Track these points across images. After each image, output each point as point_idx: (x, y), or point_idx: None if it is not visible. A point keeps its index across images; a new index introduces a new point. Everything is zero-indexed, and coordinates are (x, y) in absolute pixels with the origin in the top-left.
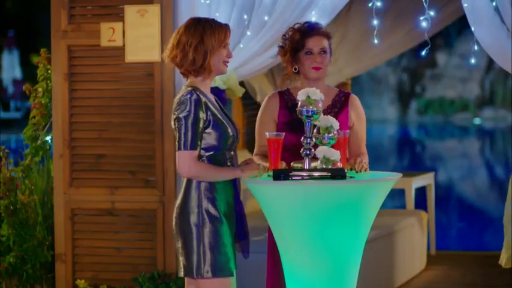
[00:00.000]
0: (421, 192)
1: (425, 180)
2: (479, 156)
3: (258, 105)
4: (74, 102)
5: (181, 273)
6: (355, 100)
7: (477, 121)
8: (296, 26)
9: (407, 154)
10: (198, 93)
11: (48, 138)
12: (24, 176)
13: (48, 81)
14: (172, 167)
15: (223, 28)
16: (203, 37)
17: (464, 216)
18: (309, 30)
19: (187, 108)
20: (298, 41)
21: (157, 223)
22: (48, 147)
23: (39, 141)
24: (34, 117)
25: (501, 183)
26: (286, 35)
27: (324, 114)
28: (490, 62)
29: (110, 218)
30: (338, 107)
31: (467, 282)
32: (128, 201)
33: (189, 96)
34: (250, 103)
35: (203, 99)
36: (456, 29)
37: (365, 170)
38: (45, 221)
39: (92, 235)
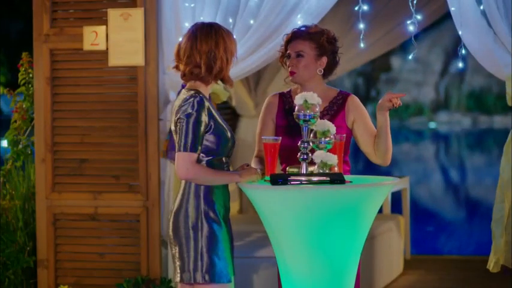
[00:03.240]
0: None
1: (401, 184)
2: (434, 159)
3: (233, 110)
4: (56, 106)
5: (177, 278)
6: (353, 101)
7: (432, 125)
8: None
9: (362, 158)
10: (201, 96)
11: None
12: (5, 181)
13: (30, 85)
14: (156, 172)
15: (233, 36)
16: (226, 47)
17: (421, 220)
18: (291, 35)
19: (191, 111)
20: (284, 47)
21: (140, 228)
22: (29, 152)
23: (20, 146)
24: (16, 121)
25: (456, 186)
26: (283, 37)
27: (320, 117)
28: (445, 66)
29: (93, 223)
30: (334, 109)
31: (445, 286)
32: (111, 206)
33: (192, 99)
34: (224, 107)
35: (206, 103)
36: None
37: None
38: (26, 227)
39: (74, 240)
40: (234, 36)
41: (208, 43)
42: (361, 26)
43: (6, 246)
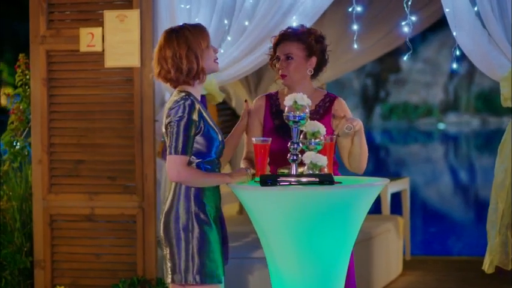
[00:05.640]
0: (393, 197)
1: (401, 185)
2: (443, 160)
3: (233, 110)
4: (52, 107)
5: (169, 280)
6: (339, 104)
7: (441, 126)
8: (276, 34)
9: (372, 159)
10: (192, 98)
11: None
12: (2, 182)
13: (27, 87)
14: (152, 173)
15: (202, 29)
16: (190, 45)
17: (430, 221)
18: (280, 37)
19: (181, 113)
20: (273, 49)
21: (137, 229)
22: (26, 153)
23: (17, 147)
24: (12, 122)
25: (465, 187)
26: (271, 40)
27: None
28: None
29: (89, 223)
30: (320, 113)
31: (443, 287)
32: (107, 206)
33: (182, 101)
34: (224, 108)
35: (197, 105)
36: (420, 34)
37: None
38: (23, 228)
39: (71, 241)
40: (229, 38)
41: (170, 47)
42: (355, 27)
43: (3, 247)
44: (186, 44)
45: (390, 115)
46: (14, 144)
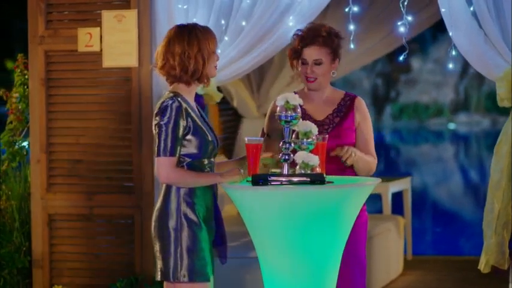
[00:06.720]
0: (396, 196)
1: (402, 185)
2: (454, 160)
3: (234, 110)
4: (51, 107)
5: (158, 277)
6: (360, 103)
7: (452, 126)
8: (299, 33)
9: (382, 159)
10: (179, 99)
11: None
12: (1, 181)
13: (26, 87)
14: (150, 172)
15: (211, 33)
16: (200, 46)
17: (439, 221)
18: (307, 39)
19: (168, 115)
20: (297, 49)
21: (134, 228)
22: (25, 153)
23: (16, 147)
24: (11, 122)
25: (476, 188)
26: (293, 37)
27: (329, 119)
28: (465, 67)
29: (88, 223)
30: (343, 111)
31: (444, 287)
32: (105, 206)
33: (170, 102)
34: (226, 108)
35: (184, 105)
36: (430, 34)
37: (350, 160)
38: (22, 227)
39: (69, 240)
40: (226, 38)
41: (180, 44)
42: (352, 27)
43: (2, 246)
44: (197, 45)
45: (400, 115)
46: (13, 143)
